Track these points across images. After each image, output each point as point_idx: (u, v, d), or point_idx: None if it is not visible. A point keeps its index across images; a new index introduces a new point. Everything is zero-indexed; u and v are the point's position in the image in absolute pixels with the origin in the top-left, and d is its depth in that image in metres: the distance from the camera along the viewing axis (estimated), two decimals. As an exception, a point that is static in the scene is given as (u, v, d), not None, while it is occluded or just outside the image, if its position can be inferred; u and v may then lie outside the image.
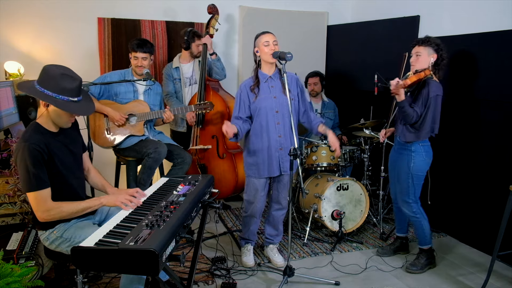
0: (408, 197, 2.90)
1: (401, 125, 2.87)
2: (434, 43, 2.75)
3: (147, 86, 3.33)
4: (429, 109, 2.73)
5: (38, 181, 1.89)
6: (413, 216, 2.92)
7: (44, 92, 1.90)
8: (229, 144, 3.72)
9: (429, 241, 2.97)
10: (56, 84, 1.90)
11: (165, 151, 3.17)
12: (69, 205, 1.98)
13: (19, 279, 1.92)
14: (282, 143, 2.80)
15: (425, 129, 2.77)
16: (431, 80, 2.74)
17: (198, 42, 3.74)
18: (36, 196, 1.90)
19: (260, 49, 2.72)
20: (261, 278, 2.86)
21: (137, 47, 3.18)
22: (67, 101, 1.93)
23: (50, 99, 1.90)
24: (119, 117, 3.15)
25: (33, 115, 3.37)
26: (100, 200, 2.04)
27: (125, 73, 3.31)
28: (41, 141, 1.93)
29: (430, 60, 2.75)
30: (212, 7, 3.75)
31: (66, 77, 1.92)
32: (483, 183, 3.24)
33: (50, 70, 1.93)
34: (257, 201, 2.89)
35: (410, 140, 2.82)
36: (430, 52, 2.76)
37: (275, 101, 2.77)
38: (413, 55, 2.82)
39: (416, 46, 2.81)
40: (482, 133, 3.24)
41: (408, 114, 2.72)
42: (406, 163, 2.86)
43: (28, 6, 3.68)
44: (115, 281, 2.66)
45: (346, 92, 4.68)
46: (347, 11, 4.91)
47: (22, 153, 1.88)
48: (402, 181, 2.91)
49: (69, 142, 2.11)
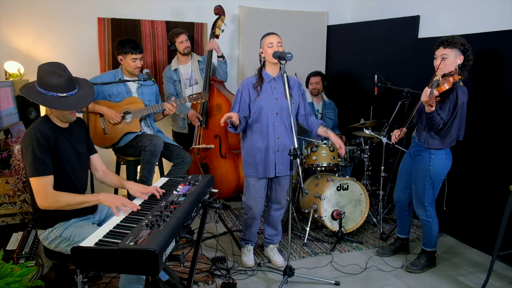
0: (425, 200, 2.83)
1: (425, 132, 2.75)
2: (460, 43, 2.57)
3: (139, 84, 3.33)
4: (456, 116, 2.61)
5: (42, 166, 1.94)
6: (426, 219, 2.88)
7: (38, 90, 1.95)
8: (231, 144, 3.72)
9: (435, 245, 2.96)
10: (45, 82, 1.94)
11: (161, 143, 3.17)
12: (68, 196, 2.00)
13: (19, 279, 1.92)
14: (279, 145, 2.81)
15: (450, 137, 2.67)
16: (458, 85, 2.61)
17: (178, 39, 3.73)
18: (38, 182, 1.94)
19: (264, 50, 2.73)
20: (261, 278, 2.86)
21: (134, 49, 3.18)
22: (56, 97, 1.95)
23: (39, 97, 1.94)
24: (114, 115, 3.16)
25: (33, 115, 3.37)
26: (98, 197, 2.05)
27: (115, 73, 3.31)
28: (49, 130, 2.00)
29: (457, 62, 2.60)
30: (219, 8, 3.76)
31: (52, 74, 1.95)
32: (483, 183, 3.24)
33: (41, 68, 1.97)
34: (257, 202, 2.89)
35: (434, 147, 2.70)
36: (456, 53, 2.59)
37: (276, 102, 2.78)
38: (438, 58, 2.64)
39: (441, 47, 2.62)
40: (481, 133, 3.24)
41: (436, 122, 2.58)
42: (425, 166, 2.77)
43: (28, 6, 3.68)
44: (115, 281, 2.65)
45: (346, 92, 4.69)
46: (347, 11, 4.91)
47: (29, 137, 1.95)
48: (419, 182, 2.83)
49: (74, 140, 2.15)
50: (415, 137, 2.91)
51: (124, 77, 3.28)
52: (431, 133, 2.71)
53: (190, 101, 3.32)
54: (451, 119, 2.64)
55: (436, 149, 2.72)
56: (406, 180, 3.01)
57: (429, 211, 2.86)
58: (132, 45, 3.19)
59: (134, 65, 3.21)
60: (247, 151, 2.85)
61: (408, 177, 2.98)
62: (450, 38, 2.60)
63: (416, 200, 2.90)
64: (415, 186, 2.89)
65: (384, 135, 3.49)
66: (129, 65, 3.23)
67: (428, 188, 2.80)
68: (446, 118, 2.62)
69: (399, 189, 3.09)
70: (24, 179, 2.61)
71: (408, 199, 3.05)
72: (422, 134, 2.78)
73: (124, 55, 3.21)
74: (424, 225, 2.92)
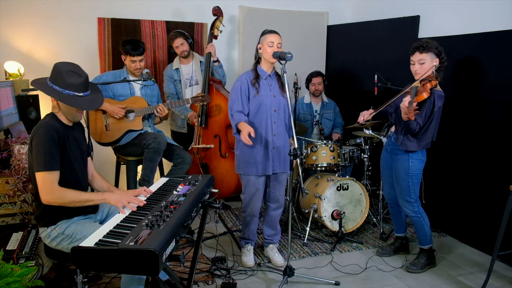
0: (410, 197, 2.89)
1: (402, 135, 2.81)
2: (434, 47, 2.67)
3: (142, 84, 3.35)
4: (433, 121, 2.69)
5: (51, 161, 1.96)
6: (415, 215, 2.91)
7: (53, 87, 2.01)
8: (231, 144, 3.72)
9: (430, 241, 2.97)
10: (63, 80, 2.00)
11: (165, 141, 3.18)
12: (73, 193, 2.02)
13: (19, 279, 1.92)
14: (275, 142, 2.81)
15: (426, 140, 2.75)
16: (434, 90, 2.65)
17: (174, 44, 3.73)
18: (45, 176, 1.95)
19: (264, 47, 2.73)
20: (261, 278, 2.86)
21: (133, 50, 3.18)
22: (73, 96, 2.02)
23: (57, 94, 2.01)
24: (117, 109, 3.17)
25: (33, 115, 3.37)
26: (103, 196, 2.08)
27: (120, 73, 3.32)
28: (59, 126, 2.05)
29: (433, 65, 2.67)
30: (217, 9, 3.76)
31: (72, 73, 2.02)
32: (483, 183, 3.24)
33: (59, 67, 2.03)
34: (256, 199, 2.89)
35: (411, 149, 2.77)
36: (432, 57, 2.68)
37: (274, 100, 2.79)
38: (416, 63, 2.72)
39: (417, 52, 2.70)
40: (481, 133, 3.24)
41: (411, 128, 2.66)
42: (404, 164, 2.85)
43: (28, 6, 3.68)
44: (115, 281, 2.66)
45: (346, 92, 4.68)
46: (347, 11, 4.91)
47: (40, 132, 1.98)
48: (402, 181, 2.89)
49: (78, 139, 2.20)
50: (391, 136, 2.97)
51: (129, 76, 3.29)
52: (408, 136, 2.78)
53: (193, 102, 3.32)
54: (428, 123, 2.71)
55: (413, 151, 2.79)
56: (390, 176, 3.06)
57: (415, 207, 2.91)
58: (132, 46, 3.18)
59: (134, 66, 3.23)
60: (246, 150, 2.82)
61: (391, 173, 3.02)
62: (424, 43, 2.68)
63: (402, 199, 2.95)
64: (399, 186, 2.93)
65: (384, 135, 3.49)
66: (129, 66, 3.25)
67: (411, 185, 2.86)
68: (423, 123, 2.69)
69: (387, 185, 3.13)
70: (24, 179, 2.61)
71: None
72: (399, 137, 2.84)
73: (125, 55, 3.23)
74: (415, 222, 2.95)
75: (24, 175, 2.61)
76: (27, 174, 2.62)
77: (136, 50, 3.18)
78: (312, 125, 4.19)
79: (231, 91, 2.83)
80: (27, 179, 2.61)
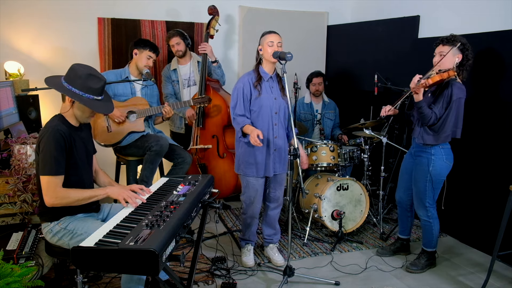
0: (426, 201, 2.83)
1: (419, 127, 2.75)
2: (459, 42, 2.60)
3: (143, 85, 3.36)
4: (450, 112, 2.61)
5: (57, 166, 1.99)
6: (427, 220, 2.87)
7: (71, 90, 2.04)
8: (229, 144, 3.72)
9: (435, 245, 2.96)
10: (83, 83, 2.04)
11: (167, 144, 3.19)
12: (76, 192, 2.05)
13: (19, 279, 1.92)
14: (277, 144, 2.82)
15: (445, 132, 2.67)
16: (454, 82, 2.62)
17: (170, 43, 3.74)
18: (50, 180, 1.98)
19: (264, 48, 2.73)
20: (261, 278, 2.86)
21: (153, 49, 3.27)
22: (92, 99, 2.07)
23: (77, 97, 2.05)
24: (119, 114, 3.17)
25: (33, 115, 3.37)
26: (106, 190, 2.12)
27: (121, 72, 3.31)
28: (67, 131, 2.07)
29: (455, 61, 2.62)
30: (213, 8, 3.75)
31: (92, 77, 2.06)
32: (483, 183, 3.24)
33: (78, 69, 2.06)
34: (256, 201, 2.90)
35: (428, 142, 2.71)
36: (455, 52, 2.61)
37: (275, 102, 2.79)
38: (437, 55, 2.69)
39: (440, 45, 2.67)
40: (481, 133, 3.24)
41: (426, 115, 2.60)
42: (425, 166, 2.78)
43: (28, 6, 3.68)
44: (115, 281, 2.66)
45: (346, 92, 4.69)
46: (347, 11, 4.91)
47: (48, 136, 2.00)
48: (420, 184, 2.83)
49: (85, 139, 2.23)
50: (415, 138, 2.91)
51: (130, 76, 3.29)
52: (425, 128, 2.72)
53: (194, 104, 3.33)
54: (445, 114, 2.64)
55: (432, 145, 2.73)
56: (407, 180, 3.01)
57: (430, 212, 2.86)
58: (153, 45, 3.29)
59: (147, 62, 3.26)
60: (247, 151, 2.83)
61: (410, 178, 2.97)
62: (450, 36, 2.64)
63: (417, 201, 2.90)
64: (416, 187, 2.88)
65: (384, 135, 3.49)
66: (142, 61, 3.25)
67: (429, 189, 2.79)
68: (439, 113, 2.63)
69: (401, 189, 3.09)
70: (24, 179, 2.61)
71: (410, 200, 3.04)
72: (416, 129, 2.79)
73: (142, 50, 3.25)
74: (424, 225, 2.92)
75: (24, 175, 2.62)
76: (27, 174, 2.63)
77: (156, 50, 3.29)
78: (313, 125, 4.19)
79: (233, 92, 2.83)
80: (27, 179, 2.61)
